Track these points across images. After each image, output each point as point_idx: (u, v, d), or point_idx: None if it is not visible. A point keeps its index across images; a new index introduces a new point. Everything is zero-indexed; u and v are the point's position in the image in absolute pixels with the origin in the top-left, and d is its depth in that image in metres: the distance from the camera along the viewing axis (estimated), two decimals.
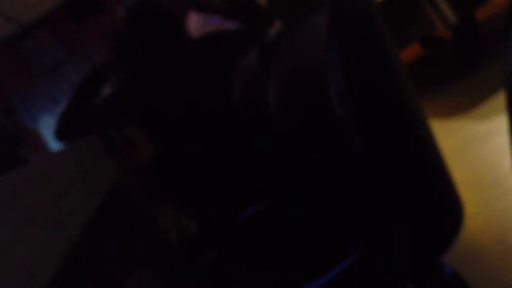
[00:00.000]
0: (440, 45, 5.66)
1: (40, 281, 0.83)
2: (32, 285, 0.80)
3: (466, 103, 3.54)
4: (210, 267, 1.75)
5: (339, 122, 0.88)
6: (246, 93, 1.75)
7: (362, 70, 0.89)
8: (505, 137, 2.68)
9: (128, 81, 2.29)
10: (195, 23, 3.08)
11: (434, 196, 0.99)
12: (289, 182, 1.46)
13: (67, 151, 1.55)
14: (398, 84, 0.95)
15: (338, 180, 1.11)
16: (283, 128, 1.30)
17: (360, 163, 0.90)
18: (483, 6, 4.02)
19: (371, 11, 0.92)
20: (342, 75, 0.86)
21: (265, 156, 1.66)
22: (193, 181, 2.22)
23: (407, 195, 0.95)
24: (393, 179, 0.93)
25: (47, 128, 7.94)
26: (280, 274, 1.21)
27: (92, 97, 2.23)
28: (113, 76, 2.36)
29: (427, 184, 0.98)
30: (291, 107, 1.26)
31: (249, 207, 1.72)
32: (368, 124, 0.89)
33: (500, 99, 3.20)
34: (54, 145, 7.83)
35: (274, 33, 1.54)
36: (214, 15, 3.06)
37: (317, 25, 1.02)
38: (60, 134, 2.17)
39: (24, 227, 0.87)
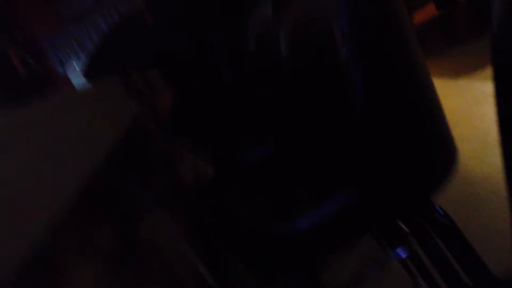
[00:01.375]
0: (454, 7, 5.56)
1: (60, 203, 0.85)
2: (53, 205, 0.83)
3: (475, 63, 3.51)
4: (217, 203, 1.78)
5: (342, 63, 0.89)
6: (260, 40, 1.75)
7: (366, 15, 0.90)
8: None
9: (153, 25, 2.29)
10: None
11: (427, 134, 1.00)
12: (292, 123, 1.48)
13: (91, 91, 1.57)
14: (401, 31, 0.95)
15: (338, 120, 1.12)
16: (290, 71, 1.32)
17: (358, 103, 0.91)
18: None
19: None
20: (347, 17, 0.87)
21: (271, 100, 1.68)
22: (208, 122, 2.24)
23: (401, 133, 0.96)
24: (387, 116, 0.94)
25: (75, 73, 7.98)
26: (274, 208, 1.24)
27: (123, 39, 2.24)
28: (143, 20, 2.36)
29: (421, 122, 0.99)
30: (298, 50, 1.27)
31: (253, 150, 1.74)
32: (367, 65, 0.90)
33: None
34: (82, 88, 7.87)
35: None
36: None
37: None
38: (89, 70, 2.19)
39: (50, 148, 0.89)
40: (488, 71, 3.24)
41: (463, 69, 3.58)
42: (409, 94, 0.96)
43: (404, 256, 1.24)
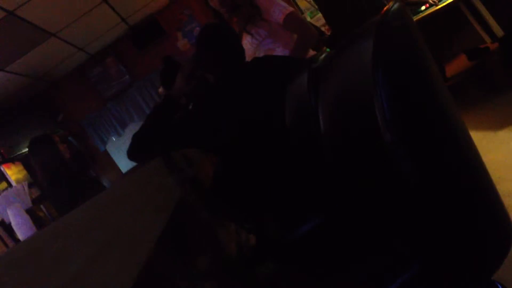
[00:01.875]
0: (486, 57, 5.55)
1: None
2: None
3: None
4: (267, 278, 1.77)
5: (386, 147, 0.89)
6: (297, 114, 1.77)
7: (407, 96, 0.90)
8: None
9: (196, 107, 2.35)
10: (248, 45, 3.13)
11: (482, 213, 0.98)
12: (340, 202, 1.47)
13: (136, 173, 1.60)
14: (441, 107, 0.95)
15: (387, 202, 1.11)
16: (332, 150, 1.32)
17: (408, 187, 0.90)
18: None
19: (414, 36, 0.93)
20: (387, 102, 0.87)
21: (316, 175, 1.68)
22: (250, 196, 2.25)
23: (455, 215, 0.95)
24: (439, 200, 0.93)
25: (115, 150, 8.18)
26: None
27: (165, 121, 2.30)
28: (185, 102, 2.43)
29: (476, 206, 0.97)
30: (339, 130, 1.27)
31: (303, 224, 1.73)
32: (414, 150, 0.89)
33: None
34: (123, 165, 8.04)
35: (323, 57, 1.56)
36: (266, 39, 3.10)
37: (363, 49, 1.03)
38: (133, 153, 2.26)
39: (99, 255, 0.90)
40: None
41: (502, 119, 3.53)
42: (460, 172, 0.94)
43: None
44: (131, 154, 2.28)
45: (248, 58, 2.63)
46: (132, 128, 7.91)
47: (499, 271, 1.01)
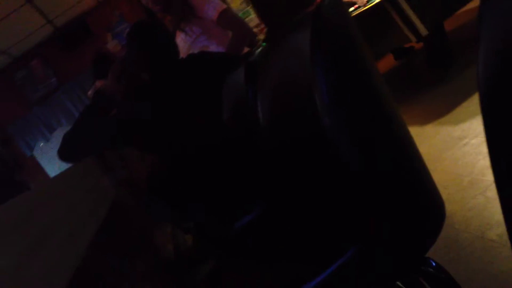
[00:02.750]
0: (412, 56, 5.74)
1: None
2: None
3: (440, 109, 3.58)
4: (207, 277, 1.76)
5: (325, 132, 0.90)
6: (235, 109, 1.77)
7: (345, 83, 0.92)
8: (478, 139, 2.72)
9: (129, 103, 2.30)
10: (183, 43, 3.11)
11: (418, 196, 1.02)
12: (281, 191, 1.48)
13: (65, 175, 1.56)
14: (377, 93, 0.98)
15: (328, 186, 1.13)
16: (272, 140, 1.32)
17: (347, 170, 0.92)
18: (450, 17, 4.09)
19: (349, 25, 0.96)
20: (326, 87, 0.89)
21: (256, 168, 1.68)
22: (187, 195, 2.23)
23: (393, 198, 0.98)
24: (379, 183, 0.95)
25: (43, 155, 7.91)
26: (274, 278, 1.22)
27: (97, 119, 2.25)
28: (119, 100, 2.37)
29: (411, 186, 1.01)
30: (279, 120, 1.28)
31: (241, 217, 1.73)
32: (352, 132, 0.92)
33: (472, 104, 3.26)
34: (51, 170, 7.79)
35: (259, 51, 1.57)
36: (200, 36, 3.08)
37: (300, 39, 1.05)
38: (64, 153, 2.19)
39: (30, 252, 0.87)
40: (453, 115, 3.31)
41: (427, 115, 3.66)
42: (395, 154, 0.98)
43: None
44: (63, 153, 2.20)
45: (182, 55, 2.61)
46: (60, 133, 7.68)
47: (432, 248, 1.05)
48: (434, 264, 1.05)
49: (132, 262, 1.84)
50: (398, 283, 1.17)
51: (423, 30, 3.87)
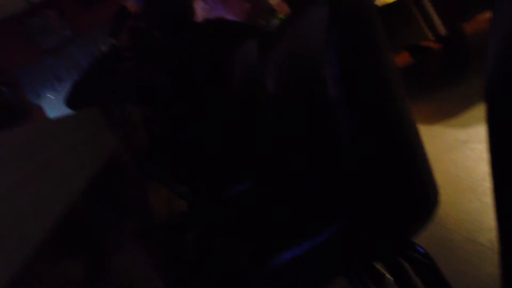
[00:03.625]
0: (428, 54, 5.70)
1: (34, 237, 0.84)
2: (25, 240, 0.81)
3: (448, 110, 3.57)
4: (196, 241, 1.77)
5: (331, 103, 0.90)
6: (245, 78, 1.77)
7: (356, 57, 0.92)
8: (482, 145, 2.72)
9: (140, 59, 2.30)
10: (200, 10, 3.09)
11: (410, 175, 1.02)
12: (275, 161, 1.48)
13: (68, 118, 1.56)
14: (388, 75, 0.98)
15: (322, 157, 1.13)
16: (277, 108, 1.32)
17: (344, 144, 0.93)
18: (471, 21, 4.06)
19: (370, 8, 0.95)
20: (338, 59, 0.89)
21: (255, 137, 1.68)
22: (184, 159, 2.24)
23: (385, 175, 0.98)
24: (373, 159, 0.96)
25: (49, 104, 7.90)
26: (256, 245, 1.23)
27: (107, 71, 2.25)
28: (128, 55, 2.37)
29: (406, 166, 1.01)
30: (286, 88, 1.28)
31: (235, 186, 1.74)
32: (356, 106, 0.92)
33: (480, 109, 3.24)
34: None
35: (276, 23, 1.56)
36: (217, 5, 3.07)
37: (316, 15, 1.04)
38: (72, 101, 2.19)
39: (25, 182, 0.88)
40: (461, 118, 3.30)
41: (436, 115, 3.65)
42: (395, 135, 0.98)
43: None
44: (70, 101, 2.21)
45: (200, 17, 2.60)
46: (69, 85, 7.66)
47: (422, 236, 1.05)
48: (422, 250, 1.05)
49: (124, 219, 1.85)
50: (377, 264, 1.18)
51: (442, 30, 3.84)
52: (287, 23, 1.35)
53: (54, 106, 7.87)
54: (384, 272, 1.38)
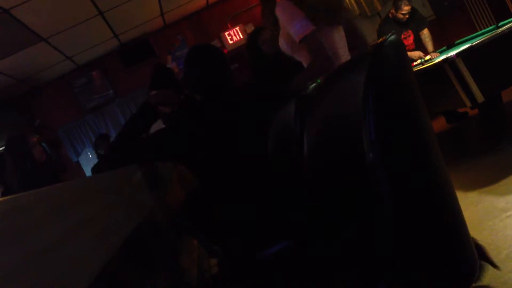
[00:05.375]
0: (465, 121, 5.66)
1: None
2: None
3: (486, 178, 3.51)
4: None
5: (368, 167, 0.90)
6: (281, 140, 1.78)
7: (393, 122, 0.92)
8: None
9: (177, 121, 2.35)
10: (284, 49, 3.00)
11: (449, 242, 1.00)
12: (312, 222, 1.47)
13: (106, 176, 1.59)
14: (425, 140, 0.97)
15: (362, 222, 1.12)
16: (313, 170, 1.32)
17: (383, 207, 0.92)
18: (509, 88, 4.04)
19: (407, 69, 0.96)
20: (375, 124, 0.89)
21: (291, 198, 1.68)
22: (218, 217, 2.23)
23: (423, 240, 0.96)
24: (411, 224, 0.94)
25: (88, 162, 8.05)
26: None
27: (141, 132, 2.30)
28: (167, 115, 2.43)
29: (443, 230, 0.99)
30: (323, 151, 1.28)
31: (270, 246, 1.72)
32: (394, 171, 0.91)
33: None
34: None
35: (312, 86, 1.58)
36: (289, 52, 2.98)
37: (354, 80, 1.05)
38: (107, 161, 2.24)
39: (64, 238, 0.89)
40: (499, 186, 3.23)
41: (473, 183, 3.58)
42: (433, 201, 0.97)
43: None
44: (105, 162, 2.26)
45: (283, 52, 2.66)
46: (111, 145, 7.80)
47: None
48: None
49: (155, 277, 1.84)
50: None
51: (479, 97, 3.82)
52: (325, 86, 1.37)
53: (91, 163, 8.01)
54: None
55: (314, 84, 1.57)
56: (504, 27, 4.28)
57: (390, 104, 0.91)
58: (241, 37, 7.88)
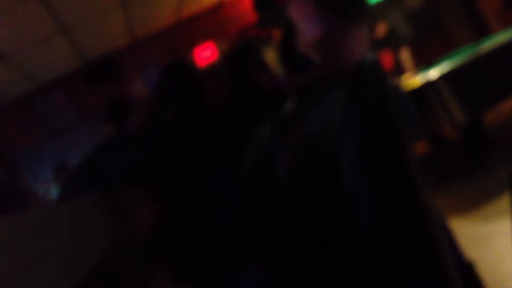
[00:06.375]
0: (446, 144, 5.74)
1: None
2: None
3: (469, 203, 3.56)
4: None
5: (348, 192, 0.91)
6: (257, 162, 1.79)
7: (375, 144, 0.93)
8: (505, 240, 2.68)
9: (148, 143, 2.34)
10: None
11: (432, 267, 1.01)
12: (289, 250, 1.47)
13: (70, 205, 1.58)
14: (408, 165, 0.99)
15: (340, 248, 1.13)
16: (290, 195, 1.33)
17: (364, 233, 0.93)
18: (491, 110, 4.12)
19: (388, 90, 0.98)
20: (356, 145, 0.90)
21: (266, 224, 1.68)
22: (190, 244, 2.22)
23: (406, 265, 0.98)
24: (394, 248, 0.95)
25: (48, 188, 7.92)
26: None
27: (112, 157, 2.29)
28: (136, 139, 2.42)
29: (427, 255, 1.00)
30: (301, 174, 1.29)
31: (246, 276, 1.72)
32: (376, 193, 0.92)
33: (502, 203, 3.23)
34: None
35: (289, 106, 1.59)
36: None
37: (334, 99, 1.07)
38: (73, 186, 2.22)
39: (30, 264, 0.88)
40: (482, 212, 3.28)
41: (455, 208, 3.63)
42: (416, 224, 0.98)
43: None
44: (67, 189, 2.23)
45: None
46: (72, 169, 7.69)
47: None
48: None
49: None
50: None
51: (461, 119, 3.89)
52: (303, 107, 1.38)
53: (53, 189, 7.89)
54: None
55: (290, 104, 1.58)
56: (483, 46, 4.38)
57: (371, 127, 0.93)
58: (214, 54, 7.91)
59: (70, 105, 7.94)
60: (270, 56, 2.92)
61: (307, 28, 2.60)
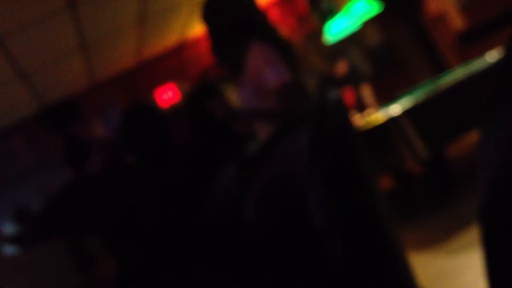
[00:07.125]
0: (410, 179, 5.81)
1: None
2: None
3: (435, 238, 3.59)
4: None
5: (316, 230, 0.92)
6: (223, 204, 1.78)
7: (341, 186, 0.95)
8: (473, 274, 2.70)
9: (113, 186, 2.32)
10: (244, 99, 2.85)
11: None
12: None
13: (28, 255, 1.54)
14: (374, 202, 1.00)
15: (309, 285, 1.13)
16: (258, 236, 1.33)
17: (334, 268, 0.93)
18: (454, 144, 4.19)
19: (352, 133, 1.00)
20: (322, 184, 0.91)
21: (235, 265, 1.67)
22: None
23: None
24: (363, 284, 0.96)
25: (5, 234, 7.71)
26: None
27: (73, 202, 2.25)
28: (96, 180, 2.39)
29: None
30: (268, 215, 1.29)
31: None
32: (343, 231, 0.94)
33: (469, 236, 3.26)
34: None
35: (255, 147, 1.60)
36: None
37: (298, 141, 1.08)
38: (33, 233, 2.17)
39: None
40: (449, 246, 3.31)
41: (422, 244, 3.66)
42: (384, 260, 0.99)
43: None
44: (27, 236, 2.18)
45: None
46: (35, 217, 7.49)
47: None
48: None
49: None
50: None
51: (423, 153, 3.95)
52: (268, 147, 1.39)
53: (11, 238, 7.67)
54: None
55: (256, 145, 1.59)
56: (442, 81, 4.49)
57: (336, 165, 0.95)
58: (176, 95, 7.92)
59: (29, 149, 7.80)
60: (232, 92, 2.94)
61: (272, 73, 2.60)
